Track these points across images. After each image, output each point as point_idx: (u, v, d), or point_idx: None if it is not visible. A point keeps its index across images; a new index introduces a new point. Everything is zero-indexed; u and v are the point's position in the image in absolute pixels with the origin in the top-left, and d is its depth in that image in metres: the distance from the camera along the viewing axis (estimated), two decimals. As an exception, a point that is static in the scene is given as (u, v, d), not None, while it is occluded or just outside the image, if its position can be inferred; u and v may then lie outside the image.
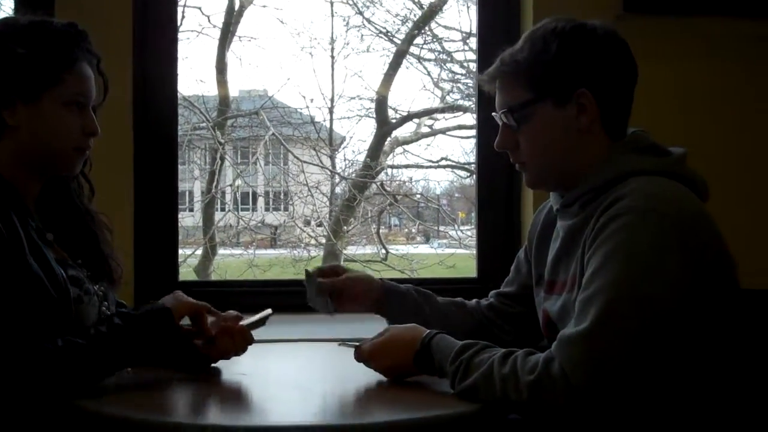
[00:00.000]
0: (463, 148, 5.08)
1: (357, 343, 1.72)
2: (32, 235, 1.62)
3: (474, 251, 3.05)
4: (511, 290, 1.96)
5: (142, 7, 2.58)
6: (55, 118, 1.68)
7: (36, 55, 1.65)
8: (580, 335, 1.42)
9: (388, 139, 4.83)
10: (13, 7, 2.60)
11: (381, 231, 4.94)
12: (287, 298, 2.79)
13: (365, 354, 1.69)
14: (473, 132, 4.56)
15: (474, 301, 2.02)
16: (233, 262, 4.82)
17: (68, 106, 1.69)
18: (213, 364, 1.82)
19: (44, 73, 1.66)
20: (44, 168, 1.72)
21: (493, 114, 1.73)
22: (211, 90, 4.67)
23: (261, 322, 1.83)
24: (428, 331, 1.63)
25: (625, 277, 1.44)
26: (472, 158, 4.73)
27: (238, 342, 1.81)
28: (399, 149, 4.94)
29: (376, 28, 4.78)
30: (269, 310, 1.87)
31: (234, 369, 1.98)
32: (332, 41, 4.73)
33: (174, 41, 2.67)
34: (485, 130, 2.67)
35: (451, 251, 4.74)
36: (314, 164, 4.96)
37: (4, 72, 1.64)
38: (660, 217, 1.47)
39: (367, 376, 1.72)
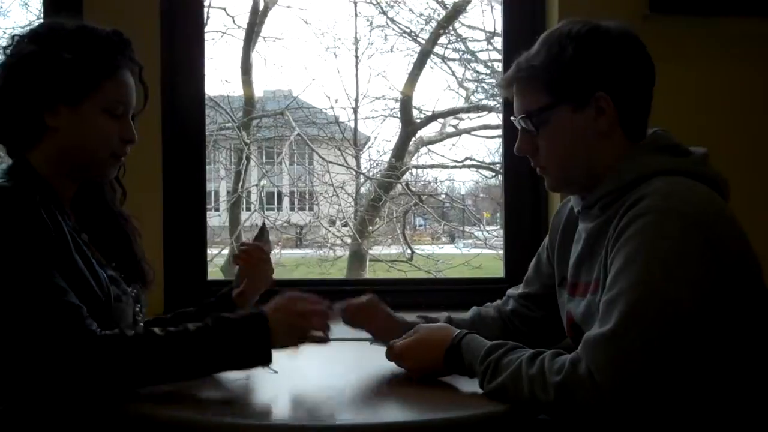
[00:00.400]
0: (488, 147, 5.09)
1: (389, 342, 1.73)
2: (74, 235, 1.64)
3: (500, 251, 3.05)
4: (531, 290, 1.95)
5: (168, 7, 2.60)
6: (93, 123, 1.70)
7: (80, 61, 1.67)
8: (605, 337, 1.42)
9: (413, 139, 4.83)
10: (41, 8, 2.63)
11: (406, 231, 4.94)
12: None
13: (396, 353, 1.70)
14: (498, 132, 4.57)
15: (494, 308, 2.01)
16: (259, 262, 4.83)
17: (107, 113, 1.71)
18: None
19: (86, 78, 1.67)
20: (80, 171, 1.74)
21: (512, 119, 1.73)
22: (237, 90, 4.70)
23: (262, 234, 1.90)
24: (458, 330, 1.64)
25: (647, 278, 1.43)
26: (497, 158, 4.74)
27: (262, 262, 1.93)
28: (424, 149, 4.95)
29: (399, 27, 4.80)
30: (261, 221, 1.93)
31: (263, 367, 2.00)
32: (356, 41, 4.75)
33: (201, 42, 2.69)
34: (511, 129, 2.66)
35: (477, 251, 4.74)
36: (339, 164, 4.97)
37: (48, 75, 1.65)
38: (682, 217, 1.46)
39: (396, 375, 1.73)
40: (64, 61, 1.65)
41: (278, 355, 2.04)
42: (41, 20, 2.76)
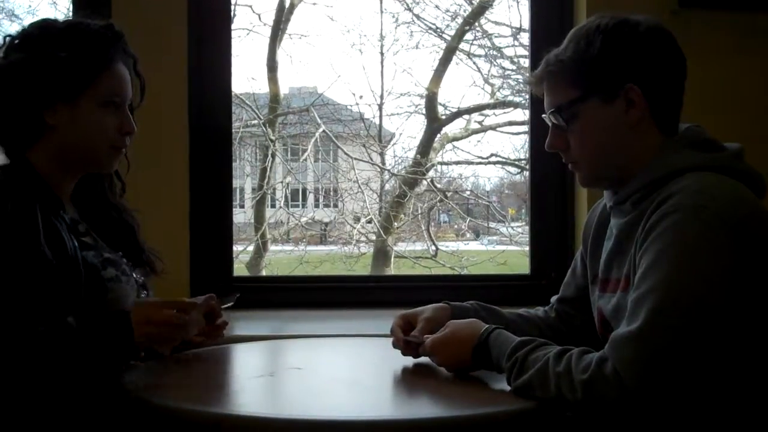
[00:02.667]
0: (513, 144, 5.08)
1: (420, 339, 1.74)
2: (55, 224, 1.64)
3: (525, 248, 3.03)
4: (568, 294, 1.94)
5: (196, 5, 2.61)
6: (92, 117, 1.72)
7: (74, 58, 1.68)
8: (632, 335, 1.41)
9: (438, 135, 4.82)
10: (69, 6, 2.65)
11: (431, 227, 4.93)
12: (338, 293, 2.82)
13: (427, 348, 1.70)
14: (523, 128, 4.56)
15: (541, 311, 1.99)
16: (284, 258, 4.86)
17: (105, 106, 1.73)
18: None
19: (82, 74, 1.69)
20: (80, 165, 1.77)
21: (543, 116, 1.73)
22: (262, 87, 4.71)
23: (231, 306, 1.95)
24: (487, 326, 1.64)
25: (675, 276, 1.42)
26: (522, 154, 4.72)
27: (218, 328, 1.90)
28: (449, 146, 4.93)
29: (425, 24, 4.78)
30: (236, 294, 1.98)
31: (288, 363, 2.01)
32: (382, 38, 4.75)
33: (228, 39, 2.70)
34: (538, 126, 2.66)
35: (502, 248, 4.72)
36: (364, 161, 4.97)
37: (44, 74, 1.67)
38: (712, 214, 1.45)
39: (421, 371, 1.73)
40: (59, 60, 1.67)
41: (302, 352, 2.06)
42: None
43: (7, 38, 1.74)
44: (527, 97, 3.14)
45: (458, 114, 4.85)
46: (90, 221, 1.81)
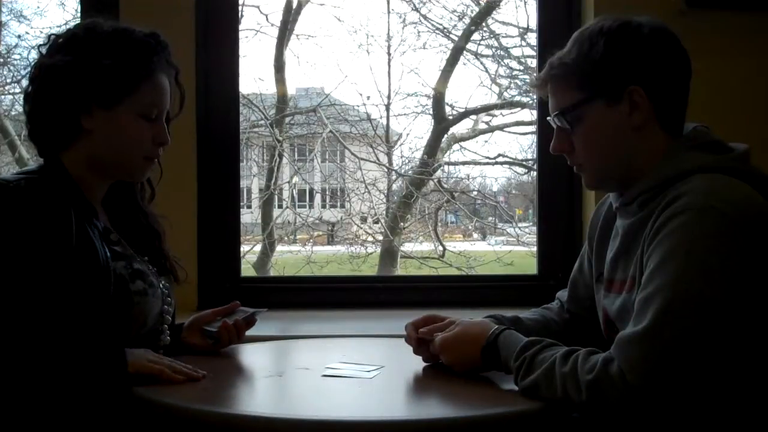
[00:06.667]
0: (521, 144, 5.05)
1: (430, 336, 1.74)
2: (88, 231, 1.65)
3: (532, 249, 3.03)
4: (575, 293, 1.94)
5: (204, 6, 2.62)
6: (128, 126, 1.71)
7: (117, 65, 1.68)
8: (639, 335, 1.41)
9: (445, 135, 4.81)
10: (77, 7, 2.66)
11: (438, 228, 4.92)
12: (345, 294, 2.83)
13: (436, 347, 1.70)
14: (531, 128, 4.54)
15: (555, 313, 1.97)
16: (291, 259, 4.85)
17: (142, 116, 1.72)
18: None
19: (123, 82, 1.69)
20: (112, 172, 1.76)
21: (548, 118, 1.73)
22: (270, 88, 4.70)
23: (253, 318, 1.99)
24: (496, 326, 1.64)
25: (683, 277, 1.42)
26: (530, 155, 4.71)
27: (238, 335, 1.95)
28: (456, 146, 4.92)
29: (432, 24, 4.77)
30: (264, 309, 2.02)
31: (296, 363, 2.01)
32: (389, 38, 4.73)
33: (235, 40, 2.71)
34: (545, 126, 2.65)
35: (509, 248, 4.71)
36: (371, 161, 4.97)
37: (86, 79, 1.67)
38: (720, 215, 1.45)
39: (428, 372, 1.73)
40: (102, 67, 1.67)
41: (309, 352, 2.06)
42: (77, 20, 2.79)
43: (52, 37, 1.74)
44: (535, 97, 3.14)
45: (465, 114, 4.83)
46: (119, 226, 1.81)
